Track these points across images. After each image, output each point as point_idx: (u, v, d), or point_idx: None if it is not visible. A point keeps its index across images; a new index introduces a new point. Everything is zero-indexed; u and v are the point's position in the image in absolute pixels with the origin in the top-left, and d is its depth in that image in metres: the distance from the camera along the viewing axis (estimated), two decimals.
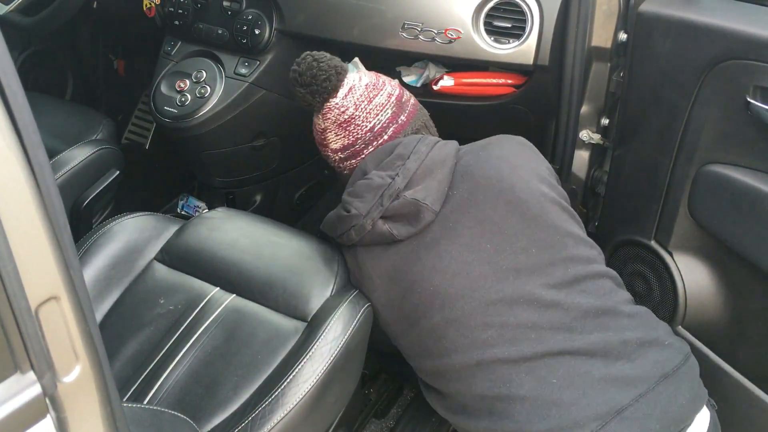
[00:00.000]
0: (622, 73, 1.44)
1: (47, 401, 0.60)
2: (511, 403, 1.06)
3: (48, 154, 0.57)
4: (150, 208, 1.47)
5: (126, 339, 1.21)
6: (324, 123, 1.28)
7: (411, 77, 1.67)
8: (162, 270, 1.32)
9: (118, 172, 1.69)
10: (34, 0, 1.77)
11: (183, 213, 2.09)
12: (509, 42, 1.45)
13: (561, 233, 1.15)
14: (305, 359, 1.10)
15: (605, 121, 1.54)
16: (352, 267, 1.25)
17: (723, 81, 1.19)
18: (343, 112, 1.26)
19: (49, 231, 0.56)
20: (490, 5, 1.45)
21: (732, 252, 1.28)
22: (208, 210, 1.93)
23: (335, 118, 1.26)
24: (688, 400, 1.08)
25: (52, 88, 2.28)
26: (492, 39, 1.46)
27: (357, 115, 1.25)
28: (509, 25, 1.44)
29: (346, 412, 1.29)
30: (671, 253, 1.41)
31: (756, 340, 1.31)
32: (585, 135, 1.55)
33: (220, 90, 1.69)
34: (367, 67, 1.66)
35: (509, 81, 1.53)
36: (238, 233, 1.36)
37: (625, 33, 1.41)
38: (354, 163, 1.30)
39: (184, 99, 1.69)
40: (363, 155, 1.28)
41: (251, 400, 1.10)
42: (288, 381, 1.08)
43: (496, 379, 1.08)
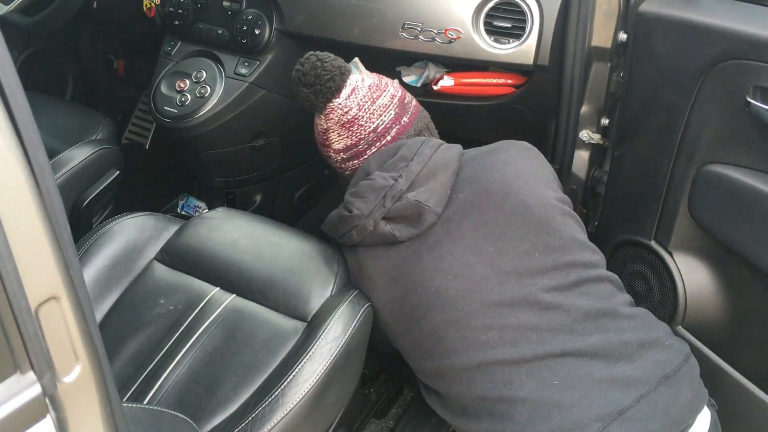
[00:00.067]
0: (622, 73, 1.44)
1: (47, 401, 0.60)
2: (512, 405, 1.06)
3: (48, 154, 0.57)
4: (150, 208, 1.47)
5: (126, 339, 1.21)
6: (327, 123, 1.28)
7: (411, 77, 1.67)
8: (162, 270, 1.32)
9: (118, 172, 1.69)
10: (34, 0, 1.77)
11: (183, 213, 2.09)
12: (509, 42, 1.45)
13: (565, 238, 1.15)
14: (305, 359, 1.10)
15: (605, 121, 1.54)
16: (352, 267, 1.25)
17: (723, 81, 1.19)
18: (347, 112, 1.25)
19: (49, 231, 0.56)
20: (490, 5, 1.45)
21: (732, 252, 1.28)
22: (208, 210, 1.93)
23: (338, 118, 1.26)
24: (689, 400, 1.08)
25: (52, 88, 2.27)
26: (492, 39, 1.46)
27: (360, 116, 1.25)
28: (509, 25, 1.44)
29: (346, 412, 1.29)
30: (671, 253, 1.41)
31: (756, 340, 1.31)
32: (585, 135, 1.55)
33: (220, 90, 1.69)
34: (367, 67, 1.65)
35: (509, 81, 1.53)
36: (238, 233, 1.36)
37: (625, 33, 1.41)
38: (356, 164, 1.29)
39: (184, 99, 1.69)
40: (366, 156, 1.28)
41: (251, 400, 1.10)
42: (288, 381, 1.08)
43: (496, 381, 1.07)
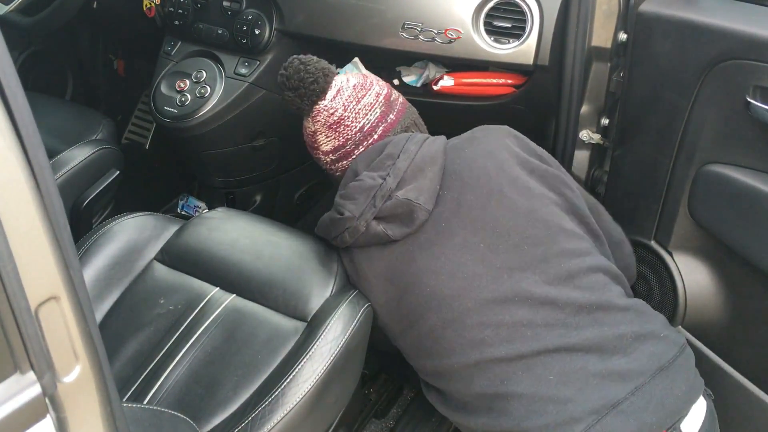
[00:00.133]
0: (622, 73, 1.44)
1: (47, 401, 0.60)
2: (509, 401, 1.06)
3: (48, 154, 0.57)
4: (150, 208, 1.47)
5: (126, 339, 1.21)
6: (314, 126, 1.29)
7: (411, 77, 1.67)
8: (162, 270, 1.32)
9: (118, 172, 1.69)
10: (34, 0, 1.77)
11: (183, 213, 2.09)
12: (509, 42, 1.45)
13: (552, 228, 1.15)
14: (305, 359, 1.10)
15: (605, 121, 1.54)
16: (349, 269, 1.25)
17: (723, 81, 1.19)
18: (332, 113, 1.26)
19: (49, 231, 0.56)
20: (490, 5, 1.45)
21: (732, 252, 1.28)
22: (208, 210, 1.93)
23: (324, 120, 1.27)
24: (684, 391, 1.08)
25: (52, 88, 2.27)
26: (492, 39, 1.46)
27: (346, 116, 1.26)
28: (509, 25, 1.44)
29: (346, 412, 1.29)
30: (671, 253, 1.40)
31: (756, 340, 1.31)
32: (585, 135, 1.54)
33: (220, 90, 1.69)
34: (367, 67, 1.66)
35: (509, 81, 1.53)
36: (238, 233, 1.36)
37: (625, 33, 1.41)
38: (345, 165, 1.30)
39: (184, 99, 1.69)
40: (354, 156, 1.28)
41: (251, 400, 1.10)
42: (288, 381, 1.08)
43: (493, 378, 1.08)
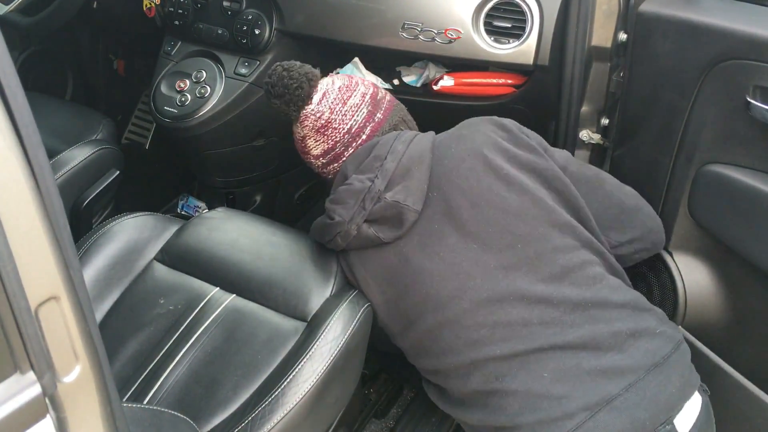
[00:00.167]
0: (622, 73, 1.43)
1: (47, 401, 0.60)
2: (504, 397, 1.08)
3: (48, 154, 0.57)
4: (150, 208, 1.47)
5: (126, 339, 1.21)
6: (302, 131, 1.29)
7: (411, 77, 1.67)
8: (162, 270, 1.32)
9: (118, 172, 1.69)
10: (34, 0, 1.77)
11: (183, 213, 2.09)
12: (509, 42, 1.45)
13: (544, 224, 1.15)
14: (305, 359, 1.10)
15: (605, 121, 1.53)
16: (346, 271, 1.26)
17: (723, 81, 1.19)
18: (319, 117, 1.26)
19: (49, 231, 0.56)
20: (490, 5, 1.45)
21: (732, 252, 1.28)
22: (208, 210, 1.93)
23: (312, 124, 1.27)
24: (678, 388, 1.08)
25: (52, 88, 2.27)
26: (492, 39, 1.46)
27: (333, 119, 1.26)
28: (509, 25, 1.44)
29: (346, 412, 1.29)
30: (671, 253, 1.40)
31: (756, 340, 1.31)
32: (585, 135, 1.54)
33: (220, 90, 1.69)
34: (367, 67, 1.66)
35: (509, 81, 1.53)
36: (238, 233, 1.36)
37: (625, 33, 1.41)
38: (336, 167, 1.30)
39: (184, 99, 1.69)
40: (344, 158, 1.28)
41: (251, 400, 1.10)
42: (288, 381, 1.08)
43: (489, 375, 1.10)
